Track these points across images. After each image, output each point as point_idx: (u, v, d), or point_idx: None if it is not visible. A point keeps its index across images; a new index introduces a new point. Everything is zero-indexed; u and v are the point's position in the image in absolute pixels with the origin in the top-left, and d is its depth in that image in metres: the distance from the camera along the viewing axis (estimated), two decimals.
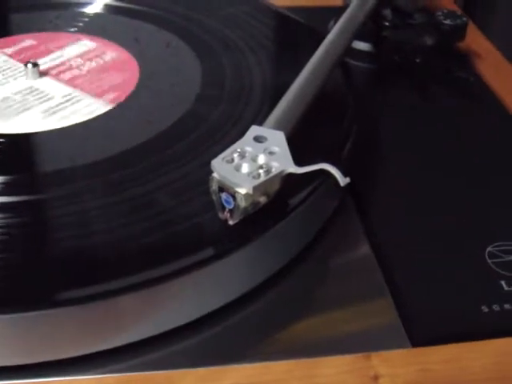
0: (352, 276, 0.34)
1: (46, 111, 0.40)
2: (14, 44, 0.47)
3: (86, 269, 0.30)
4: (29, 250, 0.31)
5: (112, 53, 0.46)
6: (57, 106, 0.41)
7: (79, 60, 0.46)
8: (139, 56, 0.45)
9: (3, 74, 0.44)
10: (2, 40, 0.48)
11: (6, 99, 0.41)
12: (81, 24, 0.49)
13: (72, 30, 0.49)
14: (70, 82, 0.43)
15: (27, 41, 0.47)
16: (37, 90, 0.42)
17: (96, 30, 0.49)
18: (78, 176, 0.35)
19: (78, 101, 0.41)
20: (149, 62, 0.45)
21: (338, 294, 0.33)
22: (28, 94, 0.42)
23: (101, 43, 0.47)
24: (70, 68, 0.45)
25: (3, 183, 0.34)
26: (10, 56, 0.46)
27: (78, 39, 0.48)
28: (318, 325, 0.32)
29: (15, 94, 0.42)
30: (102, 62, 0.45)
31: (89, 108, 0.40)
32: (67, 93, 0.42)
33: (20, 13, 0.52)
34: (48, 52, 0.46)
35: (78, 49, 0.47)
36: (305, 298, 0.33)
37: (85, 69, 0.45)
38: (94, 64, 0.45)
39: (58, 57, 0.46)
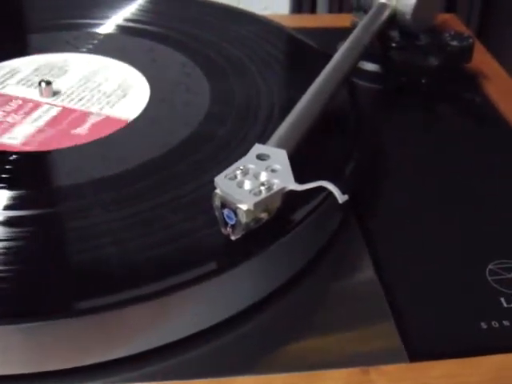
0: (352, 292, 0.35)
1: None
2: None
3: (90, 281, 0.31)
4: (37, 262, 0.32)
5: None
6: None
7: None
8: (147, 74, 0.47)
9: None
10: None
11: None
12: (92, 45, 0.51)
13: (84, 49, 0.50)
14: None
15: None
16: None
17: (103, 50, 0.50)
18: (89, 190, 0.36)
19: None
20: (157, 81, 0.46)
21: (338, 311, 0.34)
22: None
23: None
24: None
25: (17, 198, 0.36)
26: None
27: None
28: (319, 340, 0.32)
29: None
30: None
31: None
32: None
33: (35, 33, 0.53)
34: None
35: None
36: (306, 314, 0.34)
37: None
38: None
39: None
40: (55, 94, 0.45)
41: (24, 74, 0.48)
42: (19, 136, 0.41)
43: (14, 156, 0.39)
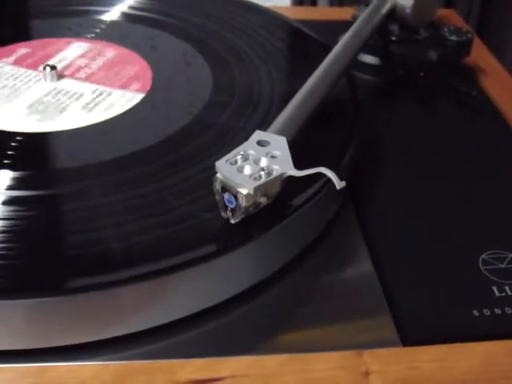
0: (347, 281, 0.36)
1: (84, 107, 0.42)
2: (11, 53, 0.48)
3: (93, 260, 0.32)
4: (39, 242, 0.33)
5: (110, 50, 0.48)
6: (92, 101, 0.43)
7: (83, 60, 0.47)
8: (149, 61, 0.47)
9: (20, 81, 0.45)
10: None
11: (39, 102, 0.43)
12: (98, 30, 0.51)
13: (89, 36, 0.50)
14: (89, 80, 0.45)
15: (21, 49, 0.49)
16: (63, 90, 0.44)
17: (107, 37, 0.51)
18: (90, 173, 0.37)
19: (109, 94, 0.43)
20: (159, 68, 0.47)
21: (333, 299, 0.35)
22: (57, 94, 0.43)
23: (94, 43, 0.49)
24: (80, 68, 0.46)
25: (19, 179, 0.36)
26: (14, 64, 0.47)
27: (70, 42, 0.50)
28: (313, 324, 0.33)
29: (45, 96, 0.43)
30: (105, 59, 0.47)
31: (124, 98, 0.43)
32: (94, 89, 0.44)
33: (36, 19, 0.54)
34: (47, 57, 0.48)
35: (75, 51, 0.48)
36: (301, 302, 0.34)
37: (94, 66, 0.46)
38: (100, 62, 0.47)
39: (61, 60, 0.47)
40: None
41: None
42: None
43: (17, 137, 0.39)
